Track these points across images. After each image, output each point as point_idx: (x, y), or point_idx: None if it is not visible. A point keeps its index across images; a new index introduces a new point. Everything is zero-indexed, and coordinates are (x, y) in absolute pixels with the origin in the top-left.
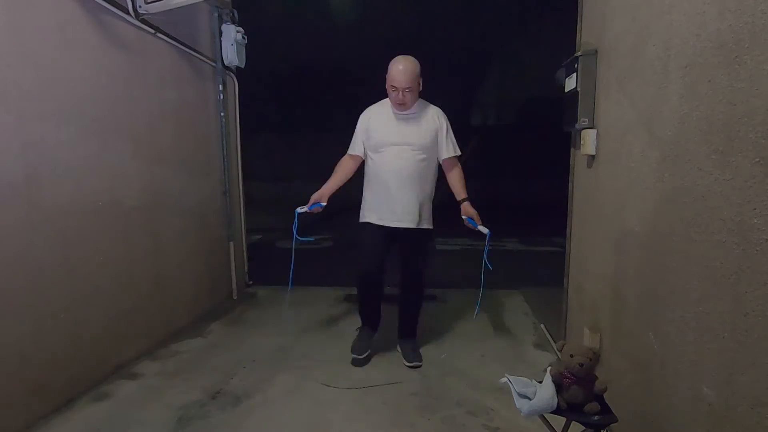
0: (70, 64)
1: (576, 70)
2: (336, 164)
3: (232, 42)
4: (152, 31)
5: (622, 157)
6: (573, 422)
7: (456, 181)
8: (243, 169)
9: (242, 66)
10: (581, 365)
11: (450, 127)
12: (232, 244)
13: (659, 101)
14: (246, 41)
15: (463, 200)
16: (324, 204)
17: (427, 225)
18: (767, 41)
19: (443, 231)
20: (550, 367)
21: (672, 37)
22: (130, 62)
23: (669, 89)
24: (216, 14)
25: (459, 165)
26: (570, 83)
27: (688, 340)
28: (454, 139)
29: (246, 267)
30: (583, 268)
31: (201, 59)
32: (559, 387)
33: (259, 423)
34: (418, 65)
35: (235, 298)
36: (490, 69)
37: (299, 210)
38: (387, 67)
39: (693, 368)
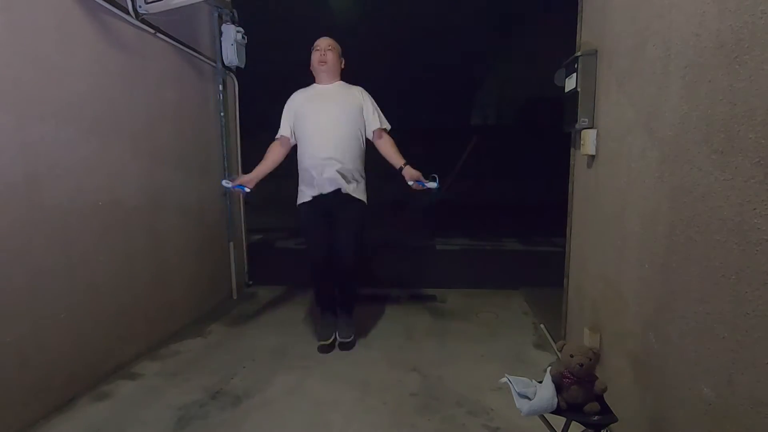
0: (70, 64)
1: (576, 70)
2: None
3: (232, 42)
4: (152, 31)
5: (622, 157)
6: (573, 422)
7: (388, 149)
8: (243, 169)
9: (242, 66)
10: (581, 365)
11: (372, 101)
12: (232, 244)
13: (659, 101)
14: (246, 41)
15: (403, 166)
16: (248, 190)
17: (358, 195)
18: (767, 41)
19: (443, 231)
20: (550, 367)
21: (672, 37)
22: (130, 62)
23: (669, 89)
24: (216, 14)
25: (388, 135)
26: (570, 83)
27: (688, 340)
28: (381, 114)
29: (246, 267)
30: (583, 268)
31: (201, 59)
32: (559, 387)
33: (259, 423)
34: (340, 47)
35: (235, 298)
36: (489, 69)
37: (224, 182)
38: (386, 68)
39: (693, 368)
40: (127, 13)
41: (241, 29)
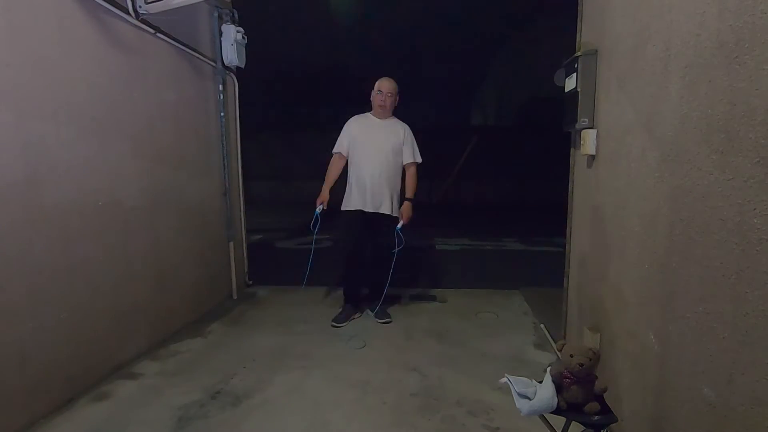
0: (70, 64)
1: (576, 70)
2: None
3: (232, 42)
4: (152, 31)
5: (622, 157)
6: (573, 422)
7: (409, 182)
8: (243, 169)
9: (242, 66)
10: (581, 365)
11: (413, 139)
12: (232, 244)
13: (659, 101)
14: (246, 41)
15: (407, 200)
16: (325, 204)
17: (394, 213)
18: (767, 41)
19: (443, 232)
20: (550, 367)
21: (672, 37)
22: (130, 62)
23: (669, 89)
24: (216, 14)
25: (415, 170)
26: (570, 83)
27: (688, 340)
28: (416, 149)
29: (246, 267)
30: (583, 268)
31: (201, 59)
32: (559, 387)
33: (259, 423)
34: (397, 86)
35: (235, 298)
36: (490, 69)
37: (319, 210)
38: (385, 67)
39: (693, 368)
40: (127, 13)
41: (241, 29)
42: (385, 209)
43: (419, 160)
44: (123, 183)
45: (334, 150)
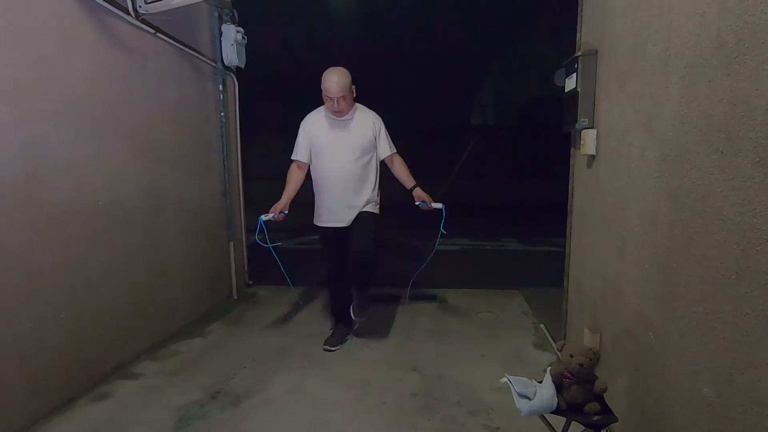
0: (70, 64)
1: (576, 70)
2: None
3: (232, 42)
4: (152, 31)
5: (622, 157)
6: (573, 422)
7: (401, 172)
8: (243, 169)
9: (242, 66)
10: (581, 365)
11: (384, 128)
12: (232, 244)
13: (659, 101)
14: (246, 41)
15: (413, 188)
16: (286, 212)
17: (372, 209)
18: (767, 41)
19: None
20: (550, 367)
21: (672, 37)
22: (129, 62)
23: (669, 89)
24: (216, 14)
25: (399, 157)
26: (570, 83)
27: (688, 340)
28: (389, 139)
29: (246, 267)
30: (583, 268)
31: (201, 59)
32: (559, 387)
33: (259, 423)
34: (349, 75)
35: (235, 298)
36: (489, 69)
37: (263, 217)
38: (385, 67)
39: (693, 368)
40: (127, 13)
41: (241, 29)
42: (358, 211)
43: (394, 150)
44: (123, 183)
45: (292, 157)
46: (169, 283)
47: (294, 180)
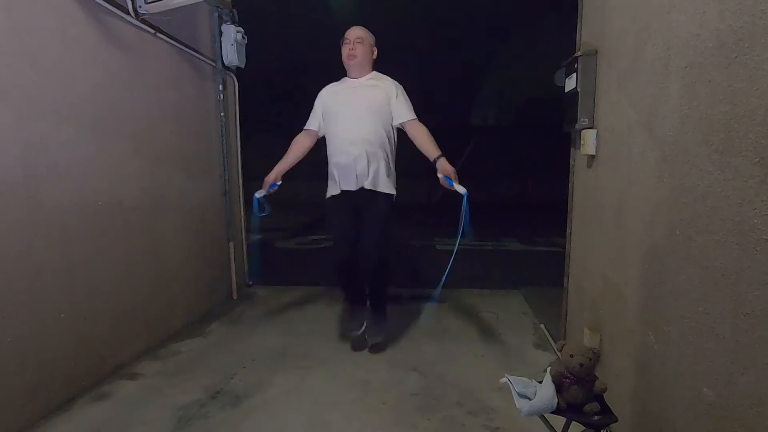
0: (70, 64)
1: (576, 70)
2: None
3: (232, 42)
4: (152, 31)
5: (622, 157)
6: (573, 422)
7: (423, 141)
8: (243, 169)
9: (242, 66)
10: (581, 365)
11: (404, 95)
12: (232, 244)
13: (659, 101)
14: (246, 41)
15: (437, 158)
16: (279, 183)
17: (385, 189)
18: (767, 41)
19: (443, 231)
20: (550, 367)
21: (672, 37)
22: (130, 62)
23: (669, 89)
24: (216, 14)
25: (421, 125)
26: (570, 83)
27: (688, 340)
28: (410, 105)
29: (246, 267)
30: (583, 268)
31: (201, 59)
32: (559, 387)
33: (259, 423)
34: (372, 35)
35: (235, 298)
36: (489, 69)
37: (258, 195)
38: (385, 68)
39: (693, 368)
40: (127, 13)
41: (241, 29)
42: (370, 184)
43: (414, 116)
44: (123, 183)
45: (305, 126)
46: (169, 283)
47: (295, 149)
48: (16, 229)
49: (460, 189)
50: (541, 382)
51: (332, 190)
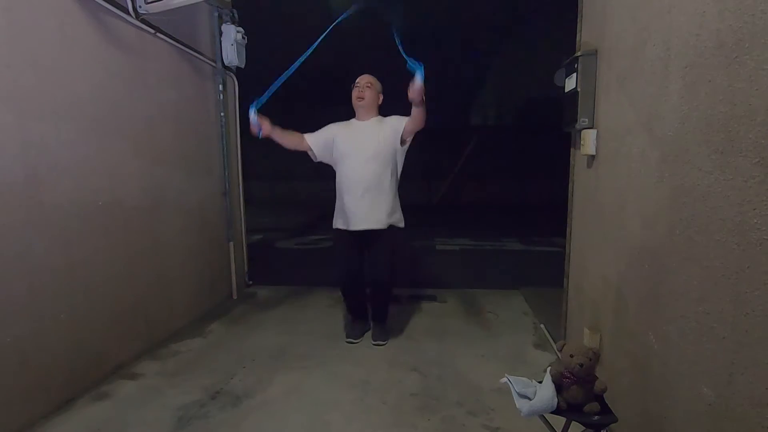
0: (70, 64)
1: (576, 70)
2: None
3: (232, 42)
4: (152, 31)
5: (622, 157)
6: (573, 422)
7: (412, 114)
8: (243, 169)
9: (242, 66)
10: (581, 365)
11: (397, 116)
12: (232, 244)
13: (659, 101)
14: (246, 41)
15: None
16: (263, 132)
17: (392, 223)
18: (767, 41)
19: (443, 231)
20: (550, 367)
21: (672, 37)
22: (129, 62)
23: (669, 89)
24: (216, 14)
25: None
26: (570, 83)
27: (688, 340)
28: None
29: (246, 267)
30: (583, 268)
31: (201, 59)
32: (559, 387)
33: (259, 423)
34: (380, 84)
35: (235, 298)
36: (489, 69)
37: (252, 109)
38: (386, 68)
39: (693, 368)
40: (127, 13)
41: (241, 29)
42: (376, 223)
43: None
44: (123, 183)
45: (305, 135)
46: (169, 283)
47: (292, 138)
48: (16, 229)
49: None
50: (541, 382)
51: (339, 224)
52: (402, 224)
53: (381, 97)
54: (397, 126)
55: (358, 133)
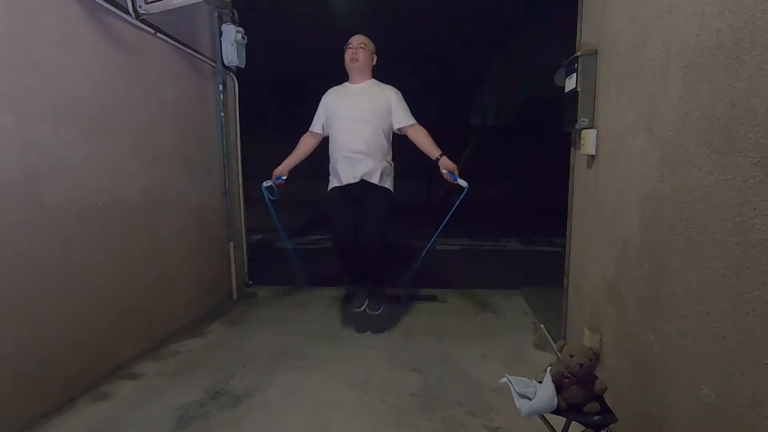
0: (70, 64)
1: (576, 70)
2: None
3: (232, 42)
4: (152, 31)
5: (622, 157)
6: (573, 422)
7: (424, 143)
8: (243, 169)
9: (242, 66)
10: (581, 365)
11: (402, 99)
12: (232, 244)
13: (659, 101)
14: (246, 41)
15: (439, 157)
16: (285, 177)
17: (384, 184)
18: (767, 41)
19: (443, 231)
20: (550, 367)
21: (672, 37)
22: (129, 62)
23: (669, 89)
24: (216, 14)
25: (421, 128)
26: (570, 83)
27: (688, 340)
28: (408, 110)
29: (246, 267)
30: (583, 268)
31: (201, 59)
32: (559, 387)
33: (259, 423)
34: (373, 43)
35: (235, 298)
36: (489, 69)
37: (265, 184)
38: (385, 68)
39: (693, 368)
40: (127, 13)
41: (241, 29)
42: (368, 177)
43: (413, 121)
44: (123, 183)
45: (309, 128)
46: (169, 283)
47: (301, 147)
48: (15, 228)
49: (462, 183)
50: (541, 382)
51: (333, 183)
52: (392, 190)
53: (375, 58)
54: (397, 115)
55: (353, 96)
